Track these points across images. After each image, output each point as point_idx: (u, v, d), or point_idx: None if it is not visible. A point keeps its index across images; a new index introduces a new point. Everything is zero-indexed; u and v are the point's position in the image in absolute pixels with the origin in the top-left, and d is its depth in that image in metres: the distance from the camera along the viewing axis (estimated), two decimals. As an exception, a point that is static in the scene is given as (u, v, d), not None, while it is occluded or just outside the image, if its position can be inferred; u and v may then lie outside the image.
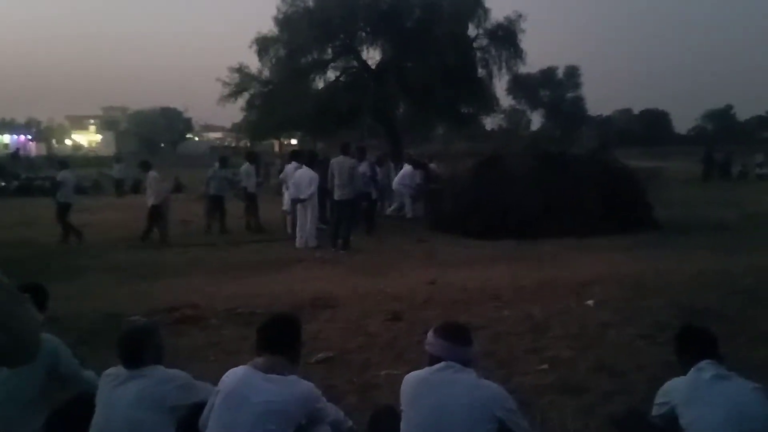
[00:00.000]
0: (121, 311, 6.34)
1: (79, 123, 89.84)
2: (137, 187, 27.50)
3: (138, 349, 2.86)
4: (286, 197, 12.39)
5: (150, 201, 12.37)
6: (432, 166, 16.73)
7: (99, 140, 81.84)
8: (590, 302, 6.55)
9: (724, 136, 56.57)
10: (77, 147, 77.92)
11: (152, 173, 12.84)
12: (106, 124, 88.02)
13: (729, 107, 76.50)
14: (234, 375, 2.79)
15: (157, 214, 12.22)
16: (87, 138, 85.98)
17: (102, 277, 8.83)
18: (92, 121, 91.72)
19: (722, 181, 26.24)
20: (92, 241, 12.10)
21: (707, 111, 77.92)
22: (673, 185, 17.80)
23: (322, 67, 23.86)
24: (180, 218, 14.65)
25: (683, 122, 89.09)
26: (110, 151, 58.63)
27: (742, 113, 77.44)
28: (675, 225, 12.74)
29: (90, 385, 3.13)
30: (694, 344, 2.85)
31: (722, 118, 75.14)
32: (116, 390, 2.83)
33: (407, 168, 15.73)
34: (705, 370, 2.64)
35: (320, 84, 24.24)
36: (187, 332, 5.75)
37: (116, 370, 2.91)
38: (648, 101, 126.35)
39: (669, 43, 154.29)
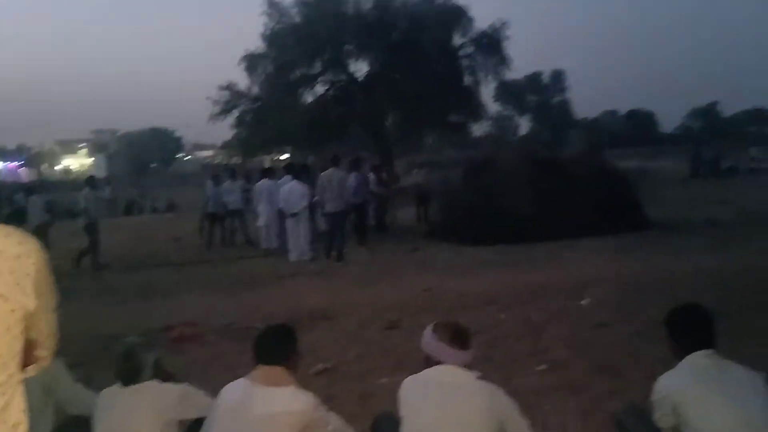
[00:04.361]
0: (116, 332, 6.30)
1: (70, 147, 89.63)
2: (130, 209, 27.51)
3: (136, 366, 2.85)
4: (261, 212, 12.47)
5: None
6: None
7: (90, 164, 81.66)
8: (586, 302, 6.58)
9: (711, 133, 56.98)
10: (68, 171, 77.70)
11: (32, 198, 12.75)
12: (96, 148, 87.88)
13: (714, 104, 76.94)
14: (232, 388, 2.79)
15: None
16: (78, 162, 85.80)
17: (97, 298, 8.79)
18: (82, 144, 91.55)
19: (711, 179, 26.40)
20: (86, 263, 12.03)
21: (692, 109, 78.40)
22: (663, 184, 17.93)
23: (310, 81, 24.02)
24: (172, 236, 14.59)
25: (670, 121, 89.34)
26: (102, 174, 58.57)
27: (728, 109, 77.73)
28: (667, 224, 12.80)
29: (89, 407, 3.11)
30: (687, 326, 2.74)
31: (708, 115, 75.61)
32: (113, 409, 2.81)
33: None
34: (701, 359, 2.58)
35: (309, 98, 24.39)
36: (185, 350, 5.73)
37: (112, 389, 2.89)
38: (634, 102, 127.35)
39: (651, 43, 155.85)
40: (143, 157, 75.68)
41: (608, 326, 5.71)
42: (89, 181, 12.72)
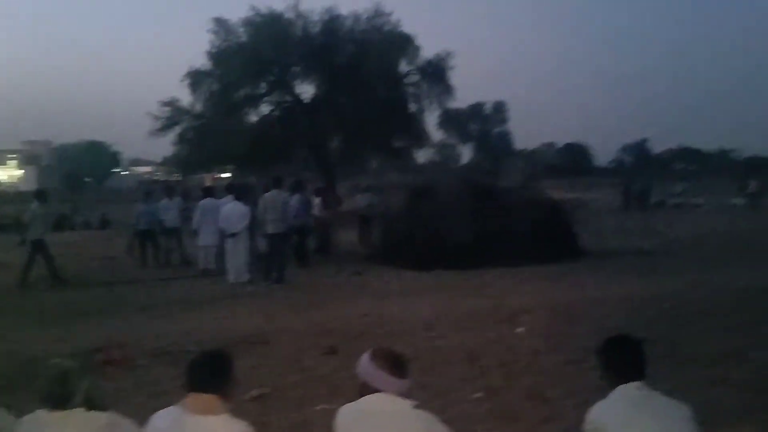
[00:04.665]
0: (41, 355, 6.00)
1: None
2: (61, 224, 26.39)
3: (67, 391, 2.73)
4: (205, 232, 12.20)
5: None
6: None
7: (20, 176, 78.20)
8: (521, 330, 6.71)
9: (641, 168, 59.62)
10: (-3, 182, 74.21)
11: None
12: (27, 159, 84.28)
13: (644, 140, 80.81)
14: (163, 416, 2.70)
15: None
16: (6, 173, 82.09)
17: (21, 318, 8.36)
18: (13, 156, 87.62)
19: (641, 211, 27.51)
20: (11, 282, 11.45)
21: (624, 145, 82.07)
22: (596, 215, 18.60)
23: (255, 101, 23.86)
24: (105, 254, 14.12)
25: (603, 155, 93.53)
26: (32, 186, 56.02)
27: (657, 146, 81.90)
28: (599, 253, 13.25)
29: None
30: (619, 357, 2.77)
31: (638, 150, 79.26)
32: (35, 437, 2.68)
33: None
34: (631, 390, 2.66)
35: (253, 118, 24.20)
36: (113, 374, 5.52)
37: (37, 415, 2.75)
38: (570, 135, 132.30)
39: (587, 81, 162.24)
40: (77, 171, 73.01)
41: (542, 353, 5.84)
42: (39, 195, 12.17)
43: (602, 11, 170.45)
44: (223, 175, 37.96)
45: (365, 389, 2.73)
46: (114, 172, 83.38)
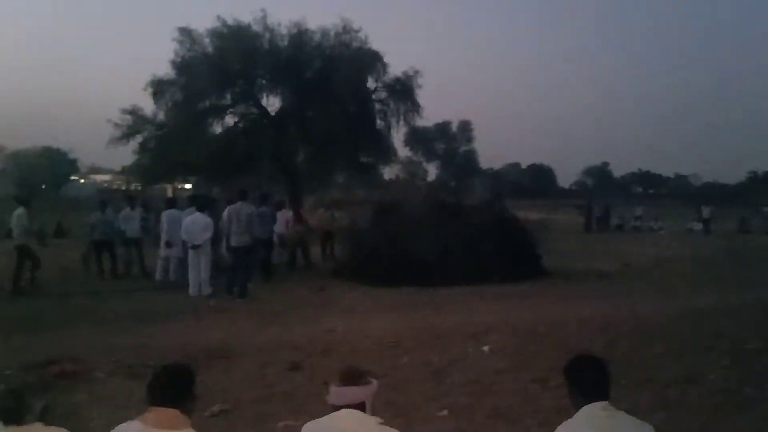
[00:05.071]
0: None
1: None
2: (11, 232, 25.54)
3: (20, 407, 2.61)
4: (173, 243, 12.02)
5: None
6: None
7: (-29, 181, 75.63)
8: (486, 348, 6.73)
9: (602, 191, 61.05)
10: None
11: None
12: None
13: (605, 164, 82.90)
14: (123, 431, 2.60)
15: None
16: (-42, 178, 79.29)
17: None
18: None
19: (602, 233, 28.08)
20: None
21: (587, 167, 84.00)
22: (558, 236, 18.89)
23: (220, 112, 23.60)
24: (59, 264, 13.70)
25: (566, 177, 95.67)
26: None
27: (617, 170, 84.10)
28: (562, 273, 13.43)
29: None
30: (585, 377, 2.83)
31: (600, 173, 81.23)
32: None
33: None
34: (596, 410, 2.67)
35: (218, 129, 23.94)
36: (68, 388, 5.32)
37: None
38: (535, 156, 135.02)
39: (552, 103, 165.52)
40: (33, 178, 70.98)
41: (506, 372, 5.85)
42: (23, 200, 12.06)
43: (568, 35, 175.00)
44: (186, 186, 37.43)
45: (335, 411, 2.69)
46: (71, 179, 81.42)
